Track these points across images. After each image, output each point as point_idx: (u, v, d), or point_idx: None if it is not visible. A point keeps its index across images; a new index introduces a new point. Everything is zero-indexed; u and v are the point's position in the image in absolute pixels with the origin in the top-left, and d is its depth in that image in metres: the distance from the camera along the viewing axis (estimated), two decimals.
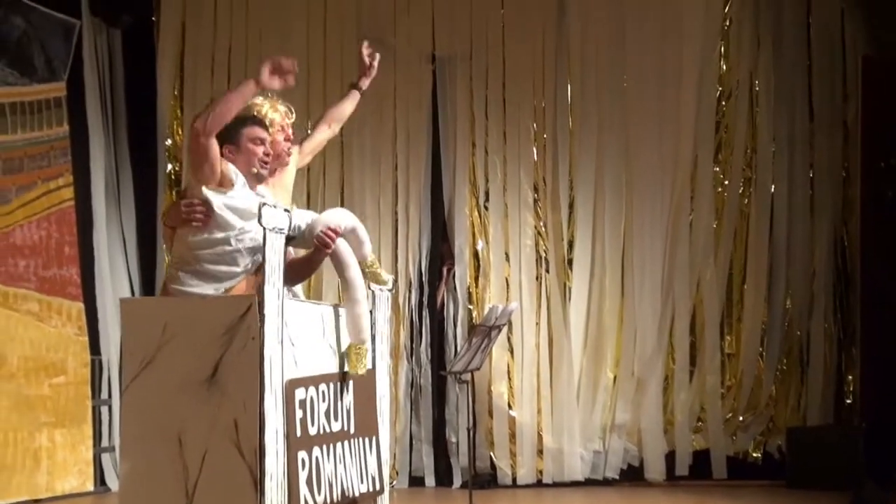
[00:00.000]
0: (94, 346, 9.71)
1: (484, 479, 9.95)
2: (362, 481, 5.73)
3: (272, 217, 4.97)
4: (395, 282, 7.19)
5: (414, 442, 10.27)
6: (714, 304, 10.19)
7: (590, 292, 10.24)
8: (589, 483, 10.07)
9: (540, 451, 10.12)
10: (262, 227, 4.95)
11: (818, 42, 10.32)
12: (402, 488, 10.01)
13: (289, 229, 5.18)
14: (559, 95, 10.42)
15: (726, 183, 10.36)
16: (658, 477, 10.06)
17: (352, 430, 5.66)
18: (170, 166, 10.60)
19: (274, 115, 6.03)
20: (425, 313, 10.36)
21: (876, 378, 9.69)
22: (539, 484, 10.08)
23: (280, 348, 4.93)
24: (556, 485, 10.05)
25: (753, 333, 10.24)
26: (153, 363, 4.95)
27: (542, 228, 10.35)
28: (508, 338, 10.10)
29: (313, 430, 5.23)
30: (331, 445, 5.40)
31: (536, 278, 10.29)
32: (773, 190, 10.33)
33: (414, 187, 10.44)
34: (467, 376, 8.54)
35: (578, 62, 10.40)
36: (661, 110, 10.32)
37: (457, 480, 10.09)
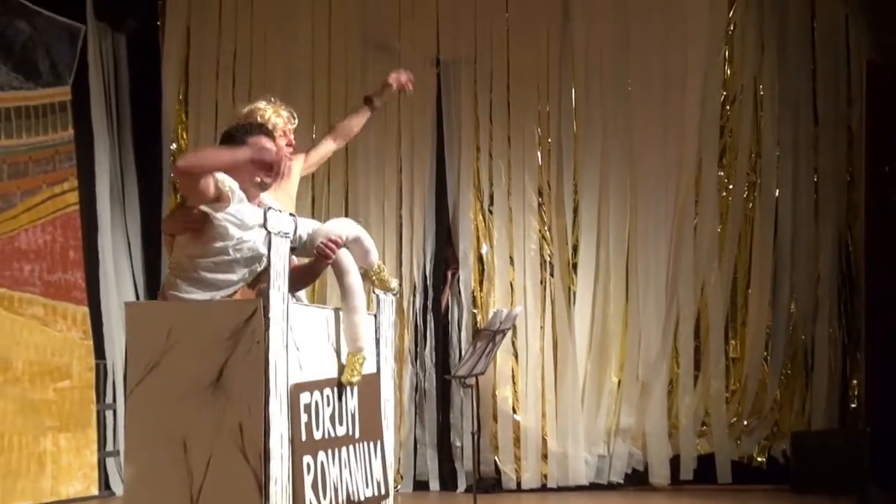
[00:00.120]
0: (99, 351, 9.72)
1: (488, 484, 9.94)
2: (367, 486, 5.72)
3: (277, 221, 4.97)
4: (400, 286, 7.20)
5: (418, 446, 10.27)
6: (718, 309, 10.19)
7: (594, 296, 10.24)
8: (593, 487, 10.06)
9: (544, 456, 10.12)
10: (266, 232, 4.95)
11: (822, 46, 10.32)
12: (406, 492, 10.00)
13: (294, 233, 5.19)
14: (563, 100, 10.42)
15: (731, 187, 10.36)
16: (663, 481, 10.05)
17: (357, 435, 5.65)
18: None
19: (276, 119, 6.03)
20: (430, 317, 10.36)
21: (881, 382, 9.67)
22: (543, 488, 10.07)
23: (285, 352, 4.93)
24: (560, 489, 10.05)
25: (758, 338, 10.23)
26: (158, 367, 4.95)
27: (547, 232, 10.35)
28: (513, 342, 10.10)
29: (318, 435, 5.22)
30: (336, 450, 5.39)
31: (541, 282, 10.29)
32: (777, 194, 10.32)
33: (418, 191, 10.44)
34: (472, 380, 8.55)
35: (583, 66, 10.40)
36: (666, 115, 10.32)
37: (461, 484, 10.09)
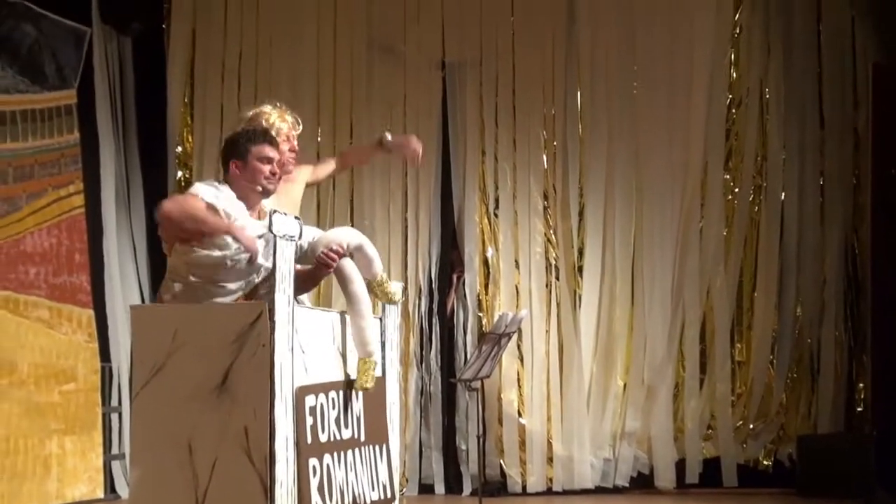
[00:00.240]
0: (105, 354, 9.71)
1: (494, 487, 9.93)
2: (373, 489, 5.72)
3: (283, 224, 4.97)
4: (405, 289, 7.19)
5: (424, 449, 10.26)
6: (724, 312, 10.18)
7: (600, 300, 10.23)
8: (599, 491, 10.05)
9: (550, 459, 10.10)
10: (272, 235, 4.95)
11: (828, 49, 10.31)
12: (411, 496, 10.00)
13: (299, 237, 5.19)
14: (569, 103, 10.42)
15: (736, 190, 10.36)
16: (668, 485, 10.04)
17: (362, 438, 5.65)
18: (180, 173, 10.61)
19: (281, 124, 6.03)
20: (435, 321, 10.35)
21: (887, 386, 9.66)
22: (549, 492, 10.06)
23: (290, 355, 4.93)
24: (565, 493, 10.03)
25: (764, 341, 10.22)
26: (163, 370, 4.95)
27: (552, 236, 10.34)
28: (518, 345, 10.09)
29: (324, 437, 5.22)
30: (341, 453, 5.39)
31: (546, 286, 10.28)
32: (783, 197, 10.31)
33: (424, 195, 10.44)
34: (477, 384, 8.54)
35: (588, 69, 10.40)
36: (672, 117, 10.31)
37: (467, 488, 10.08)
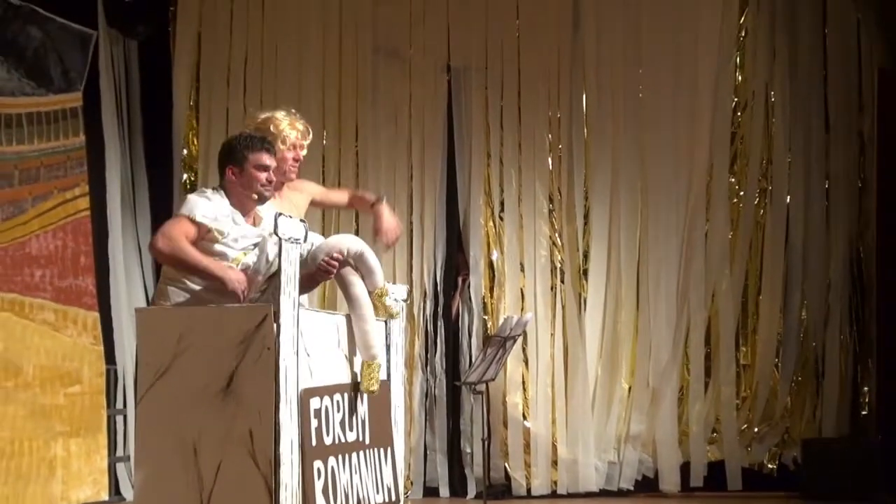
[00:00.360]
0: (110, 356, 9.73)
1: (498, 490, 9.93)
2: (378, 492, 5.72)
3: (288, 227, 4.98)
4: (410, 292, 7.20)
5: (428, 452, 10.26)
6: (729, 316, 10.17)
7: (605, 303, 10.23)
8: (603, 494, 10.05)
9: (554, 462, 10.10)
10: (277, 238, 4.96)
11: (834, 53, 10.30)
12: (416, 498, 10.00)
13: (304, 240, 5.19)
14: (574, 106, 10.41)
15: (742, 194, 10.35)
16: (673, 488, 10.03)
17: (367, 441, 5.66)
18: (185, 176, 10.62)
19: (290, 131, 6.05)
20: (440, 324, 10.35)
21: (892, 390, 9.64)
22: (554, 495, 10.06)
23: (295, 358, 4.94)
24: (570, 495, 10.03)
25: (769, 344, 10.21)
26: (168, 373, 4.96)
27: (558, 239, 10.34)
28: (523, 348, 10.09)
29: (328, 440, 5.23)
30: (346, 455, 5.40)
31: (551, 289, 10.27)
32: (788, 201, 10.30)
33: (429, 197, 10.44)
34: (482, 387, 8.55)
35: (593, 72, 10.39)
36: (677, 121, 10.30)
37: (471, 491, 10.08)
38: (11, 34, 8.90)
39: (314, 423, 5.09)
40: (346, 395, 5.46)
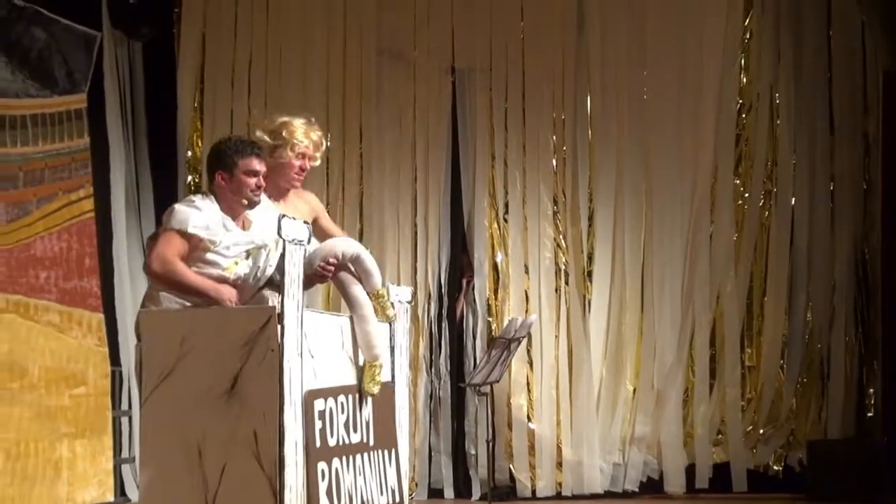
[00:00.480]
0: (115, 358, 9.73)
1: (503, 492, 9.92)
2: (381, 493, 5.73)
3: (292, 229, 4.98)
4: (415, 294, 7.20)
5: (433, 454, 10.26)
6: (734, 317, 10.16)
7: (609, 305, 10.22)
8: (608, 496, 10.04)
9: (559, 464, 10.09)
10: (281, 240, 4.97)
11: (838, 54, 10.29)
12: (421, 500, 10.00)
13: (307, 242, 5.20)
14: (579, 108, 10.41)
15: (746, 196, 10.34)
16: (678, 490, 10.02)
17: (371, 443, 5.66)
18: (189, 177, 10.63)
19: (303, 139, 6.05)
20: (444, 325, 10.35)
21: None
22: (558, 496, 10.05)
23: (300, 360, 4.94)
24: (575, 497, 10.02)
25: (774, 346, 10.20)
26: (172, 375, 4.97)
27: (562, 241, 10.34)
28: (528, 350, 10.08)
29: (332, 442, 5.23)
30: (350, 457, 5.40)
31: (556, 290, 10.27)
32: (793, 203, 10.29)
33: (433, 199, 10.43)
34: (486, 388, 8.54)
35: (598, 74, 10.39)
36: (681, 123, 10.30)
37: (476, 492, 10.07)
38: (15, 35, 8.91)
39: (318, 424, 5.10)
40: (350, 397, 5.46)
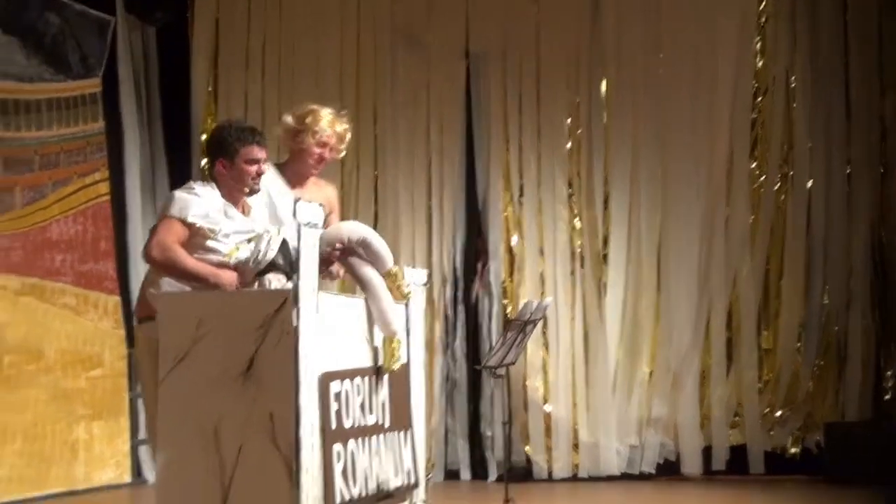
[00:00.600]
0: (131, 340, 9.75)
1: (519, 473, 9.92)
2: (397, 475, 5.73)
3: (306, 212, 4.98)
4: (430, 277, 7.21)
5: (449, 436, 10.28)
6: (751, 300, 10.12)
7: (625, 287, 10.20)
8: (625, 477, 10.03)
9: (575, 446, 10.09)
10: (297, 224, 4.97)
11: (855, 37, 10.23)
12: (437, 482, 10.01)
13: (322, 225, 5.19)
14: (593, 90, 10.37)
15: (762, 179, 10.29)
16: (694, 472, 10.01)
17: (387, 424, 5.67)
18: (204, 161, 10.60)
19: (326, 129, 6.04)
20: (460, 308, 10.35)
21: None
22: (574, 478, 10.05)
23: (315, 342, 4.94)
24: (591, 479, 10.03)
25: (791, 328, 10.16)
26: (188, 357, 4.97)
27: (577, 224, 10.32)
28: (543, 332, 10.07)
29: (348, 423, 5.23)
30: (366, 439, 5.41)
31: (571, 273, 10.25)
32: (809, 186, 10.25)
33: (448, 183, 10.43)
34: (502, 371, 8.53)
35: (613, 57, 10.35)
36: (697, 106, 10.25)
37: (492, 474, 10.09)
38: (30, 21, 8.94)
39: (334, 406, 5.10)
40: (366, 379, 5.46)
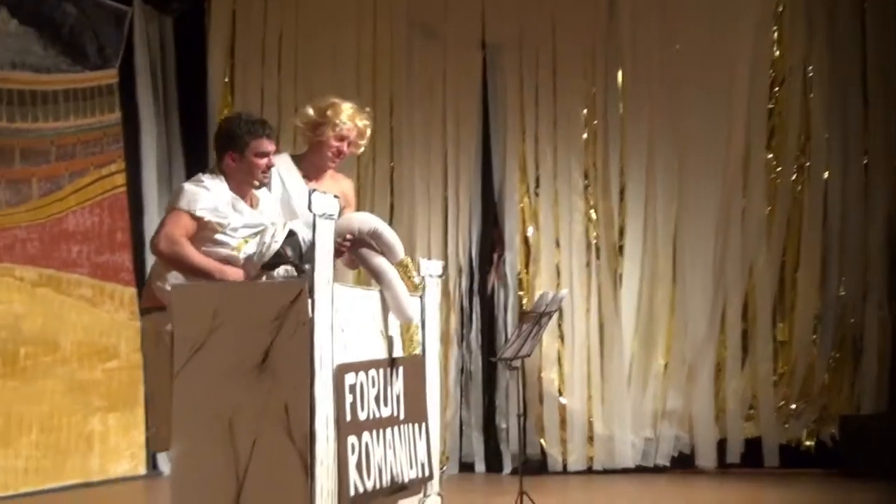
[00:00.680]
0: None
1: (534, 466, 9.92)
2: (412, 467, 5.73)
3: (321, 203, 4.98)
4: (445, 268, 7.20)
5: (464, 428, 10.28)
6: (766, 292, 10.10)
7: (641, 279, 10.18)
8: (639, 470, 10.02)
9: (590, 438, 10.09)
10: (312, 214, 4.96)
11: (872, 27, 10.19)
12: (452, 474, 10.02)
13: (338, 216, 5.19)
14: (610, 81, 10.36)
15: (779, 169, 10.27)
16: (709, 464, 10.00)
17: (401, 416, 5.66)
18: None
19: (346, 122, 6.01)
20: (475, 300, 10.35)
21: None
22: (589, 471, 10.05)
23: (330, 334, 4.94)
24: (606, 471, 10.02)
25: (806, 321, 10.14)
26: (203, 349, 4.97)
27: (593, 215, 10.31)
28: (559, 324, 10.07)
29: (363, 415, 5.23)
30: (380, 431, 5.40)
31: (587, 265, 10.24)
32: (826, 176, 10.22)
33: (464, 173, 10.42)
34: (517, 363, 8.52)
35: (630, 48, 10.33)
36: (713, 96, 10.23)
37: (507, 466, 10.10)
38: (47, 11, 8.95)
39: (349, 398, 5.10)
40: (381, 371, 5.46)
